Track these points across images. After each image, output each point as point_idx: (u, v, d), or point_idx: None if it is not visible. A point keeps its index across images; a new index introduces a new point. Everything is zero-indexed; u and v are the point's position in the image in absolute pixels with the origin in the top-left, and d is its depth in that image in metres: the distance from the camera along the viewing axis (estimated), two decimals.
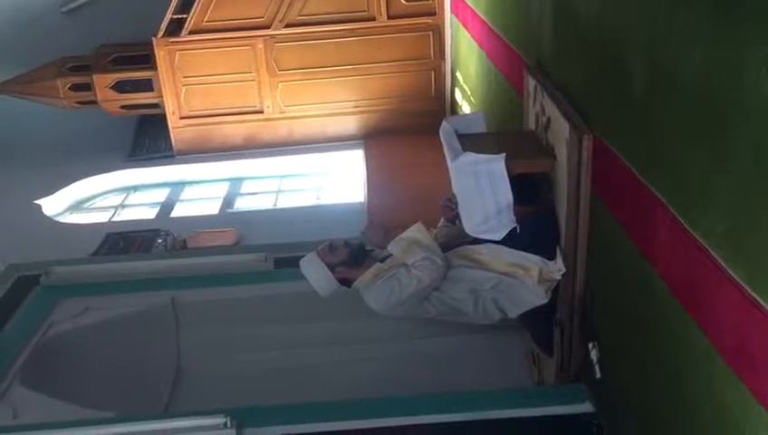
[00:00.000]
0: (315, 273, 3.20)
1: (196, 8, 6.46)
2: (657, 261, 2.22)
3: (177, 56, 6.64)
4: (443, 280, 3.05)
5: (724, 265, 1.81)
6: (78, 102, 6.97)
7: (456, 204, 3.19)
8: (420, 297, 3.05)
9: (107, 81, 6.81)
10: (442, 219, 3.39)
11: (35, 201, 6.37)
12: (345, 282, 3.21)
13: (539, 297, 3.02)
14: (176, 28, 6.56)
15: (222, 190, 6.80)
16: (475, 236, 3.10)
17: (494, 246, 3.05)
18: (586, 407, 2.85)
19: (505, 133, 4.09)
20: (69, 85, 6.87)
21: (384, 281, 3.06)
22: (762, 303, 1.66)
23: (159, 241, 5.44)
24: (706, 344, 1.92)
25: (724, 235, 1.81)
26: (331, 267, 3.18)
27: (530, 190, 3.20)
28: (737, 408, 1.79)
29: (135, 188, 7.03)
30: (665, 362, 2.21)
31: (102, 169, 6.94)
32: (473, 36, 5.41)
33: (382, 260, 3.18)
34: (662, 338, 2.21)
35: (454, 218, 3.27)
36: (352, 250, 3.20)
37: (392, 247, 3.13)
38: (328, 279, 3.19)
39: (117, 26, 7.07)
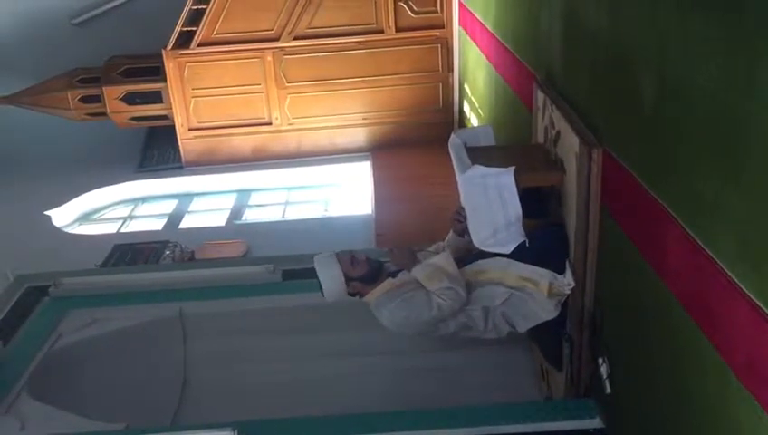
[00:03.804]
0: (329, 275, 3.17)
1: (205, 21, 6.51)
2: (667, 276, 2.20)
3: (186, 68, 6.68)
4: (460, 312, 3.04)
5: (736, 280, 1.80)
6: (88, 114, 7.01)
7: (465, 217, 3.18)
8: (434, 323, 3.05)
9: (117, 92, 6.85)
10: (451, 232, 3.38)
11: (45, 212, 6.39)
12: (353, 294, 3.21)
13: (548, 311, 3.00)
14: (185, 40, 6.60)
15: (230, 202, 6.81)
16: (483, 249, 3.09)
17: (503, 259, 3.04)
18: (596, 423, 2.83)
19: (514, 146, 4.08)
20: (79, 97, 6.91)
21: (401, 301, 3.04)
22: None
23: (167, 252, 5.45)
24: (718, 360, 1.91)
25: (737, 250, 1.80)
26: (348, 279, 3.16)
27: (539, 204, 3.19)
28: (749, 425, 1.77)
29: (143, 200, 7.04)
30: (676, 378, 2.20)
31: (111, 181, 6.97)
32: (481, 49, 5.42)
33: (392, 275, 3.18)
34: (673, 354, 2.19)
35: (463, 231, 3.27)
36: (371, 267, 3.19)
37: (417, 271, 3.10)
38: (340, 287, 3.17)
39: (127, 38, 7.13)
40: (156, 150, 7.36)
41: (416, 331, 3.13)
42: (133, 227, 6.56)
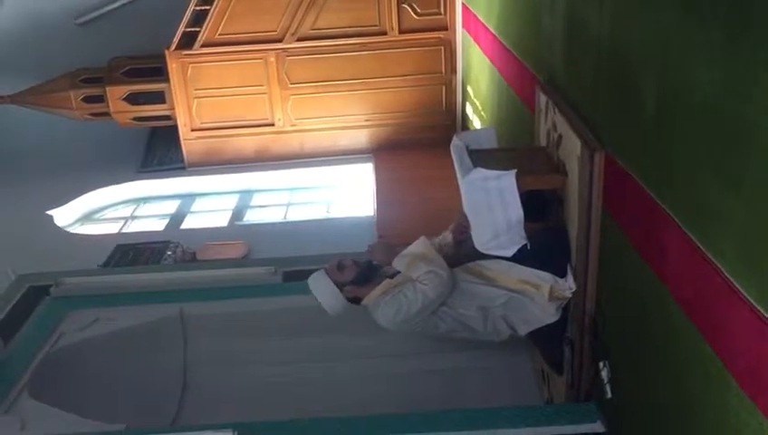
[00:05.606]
0: (324, 291, 3.18)
1: (209, 21, 6.51)
2: (669, 280, 2.20)
3: (189, 69, 6.68)
4: (450, 294, 3.02)
5: (737, 285, 1.79)
6: (91, 114, 7.02)
7: (468, 226, 3.17)
8: (427, 312, 3.03)
9: (120, 92, 6.86)
10: (450, 236, 3.35)
11: (47, 212, 6.40)
12: (354, 300, 3.20)
13: (549, 315, 3.00)
14: (189, 41, 6.60)
15: (232, 203, 6.81)
16: (485, 252, 3.08)
17: (504, 262, 3.03)
18: (597, 427, 2.82)
19: (516, 149, 4.07)
20: (82, 97, 6.92)
21: (391, 298, 3.04)
22: None
23: (169, 253, 5.45)
24: (719, 366, 1.90)
25: (738, 255, 1.79)
26: (340, 286, 3.16)
27: (541, 207, 3.19)
28: (750, 430, 1.77)
29: (145, 200, 7.05)
30: (677, 383, 2.19)
31: (113, 181, 6.98)
32: (484, 51, 5.41)
33: (391, 276, 3.17)
34: (674, 358, 2.19)
35: (461, 242, 3.25)
36: (361, 268, 3.17)
37: (397, 264, 3.11)
38: (337, 298, 3.17)
39: (130, 39, 7.14)
40: (158, 151, 7.37)
41: (413, 327, 3.11)
42: (135, 227, 6.57)
